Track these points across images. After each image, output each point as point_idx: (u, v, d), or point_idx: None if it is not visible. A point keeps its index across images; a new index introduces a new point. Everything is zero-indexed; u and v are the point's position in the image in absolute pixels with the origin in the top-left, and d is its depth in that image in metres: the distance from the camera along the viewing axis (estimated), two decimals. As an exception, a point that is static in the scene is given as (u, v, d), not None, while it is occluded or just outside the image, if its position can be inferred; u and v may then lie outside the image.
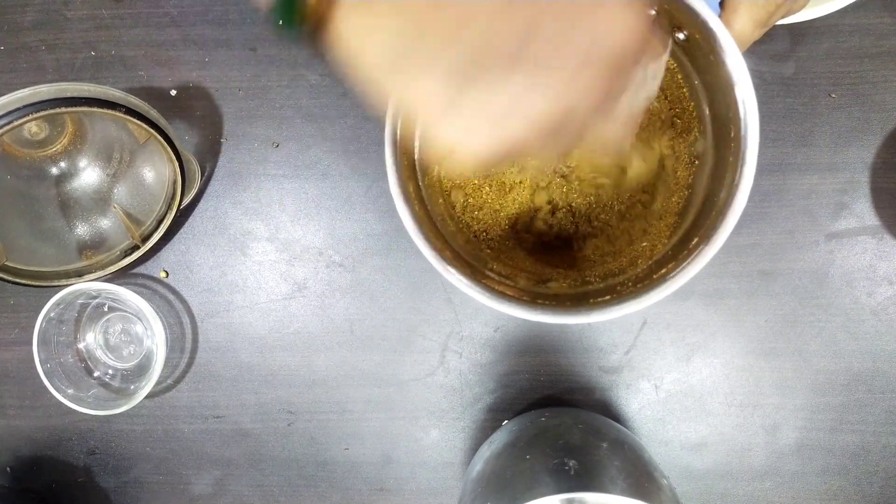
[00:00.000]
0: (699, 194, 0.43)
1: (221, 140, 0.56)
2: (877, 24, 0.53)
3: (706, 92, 0.43)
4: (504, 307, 0.40)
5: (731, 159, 0.39)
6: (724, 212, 0.39)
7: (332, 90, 0.55)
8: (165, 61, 0.56)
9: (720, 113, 0.41)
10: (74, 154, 0.54)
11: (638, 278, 0.42)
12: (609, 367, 0.56)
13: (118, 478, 0.59)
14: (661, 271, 0.41)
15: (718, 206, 0.40)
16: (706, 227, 0.40)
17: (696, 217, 0.43)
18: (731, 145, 0.40)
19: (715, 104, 0.42)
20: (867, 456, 0.55)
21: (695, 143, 0.45)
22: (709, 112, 0.43)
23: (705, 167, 0.43)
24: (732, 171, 0.39)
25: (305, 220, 0.57)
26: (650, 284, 0.40)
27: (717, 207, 0.40)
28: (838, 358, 0.55)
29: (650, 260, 0.43)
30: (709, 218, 0.40)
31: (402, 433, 0.57)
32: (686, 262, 0.39)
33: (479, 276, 0.43)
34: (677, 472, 0.56)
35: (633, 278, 0.43)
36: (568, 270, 0.48)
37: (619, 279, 0.44)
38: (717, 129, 0.42)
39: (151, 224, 0.54)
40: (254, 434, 0.58)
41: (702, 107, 0.43)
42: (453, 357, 0.56)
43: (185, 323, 0.58)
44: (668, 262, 0.41)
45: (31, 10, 0.56)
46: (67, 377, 0.56)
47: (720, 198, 0.40)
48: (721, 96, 0.40)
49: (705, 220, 0.41)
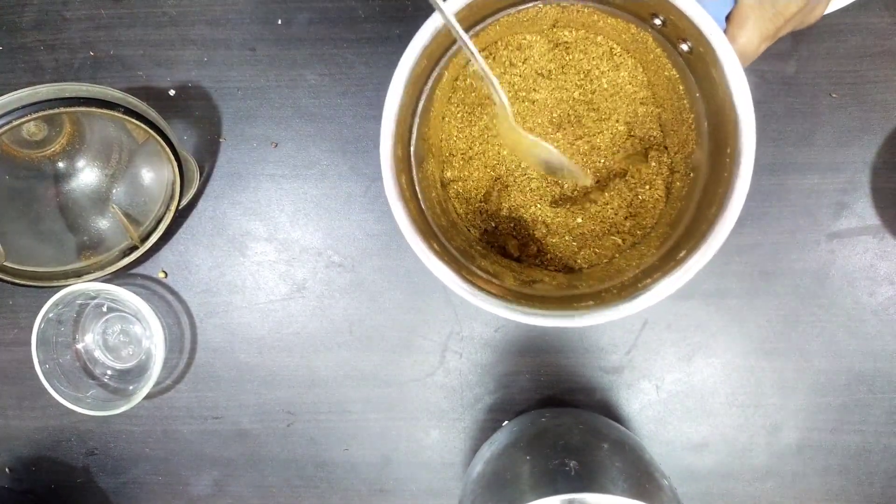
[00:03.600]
0: (692, 206, 0.43)
1: (220, 140, 0.56)
2: (878, 24, 0.52)
3: (706, 104, 0.42)
4: (486, 304, 0.40)
5: (726, 174, 0.39)
6: (714, 226, 0.38)
7: (331, 90, 0.55)
8: (164, 61, 0.56)
9: (718, 127, 0.41)
10: (73, 154, 0.54)
11: (623, 286, 0.42)
12: (610, 368, 0.56)
13: (117, 478, 0.59)
14: (646, 280, 0.41)
15: (709, 220, 0.39)
16: (695, 239, 0.40)
17: (687, 228, 0.42)
18: (726, 160, 0.39)
19: (714, 117, 0.42)
20: (868, 456, 0.55)
21: (691, 155, 0.44)
22: (707, 125, 0.43)
23: (700, 179, 0.43)
24: (725, 186, 0.39)
25: (304, 221, 0.57)
26: (634, 292, 0.40)
27: (707, 220, 0.40)
28: (839, 358, 0.54)
29: (637, 269, 0.43)
30: (699, 230, 0.40)
31: (402, 434, 0.57)
32: (672, 272, 0.39)
33: (465, 271, 0.42)
34: (678, 472, 0.56)
35: (618, 286, 0.43)
36: (556, 273, 0.47)
37: (606, 285, 0.43)
38: (714, 142, 0.42)
39: (150, 224, 0.54)
40: (253, 435, 0.58)
41: (701, 119, 0.43)
42: (453, 357, 0.56)
43: (183, 323, 0.57)
44: (655, 271, 0.41)
45: (30, 11, 0.56)
46: (66, 378, 0.56)
47: (711, 212, 0.40)
48: (720, 110, 0.40)
49: (695, 232, 0.40)
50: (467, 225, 0.49)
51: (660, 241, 0.44)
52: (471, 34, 0.44)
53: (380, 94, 0.55)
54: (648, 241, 0.46)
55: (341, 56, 0.55)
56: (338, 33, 0.55)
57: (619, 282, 0.43)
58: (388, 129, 0.40)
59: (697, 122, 0.44)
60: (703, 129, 0.43)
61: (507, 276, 0.45)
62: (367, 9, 0.55)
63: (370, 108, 0.55)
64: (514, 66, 0.47)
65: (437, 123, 0.48)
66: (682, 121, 0.45)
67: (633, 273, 0.43)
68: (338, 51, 0.55)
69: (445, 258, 0.42)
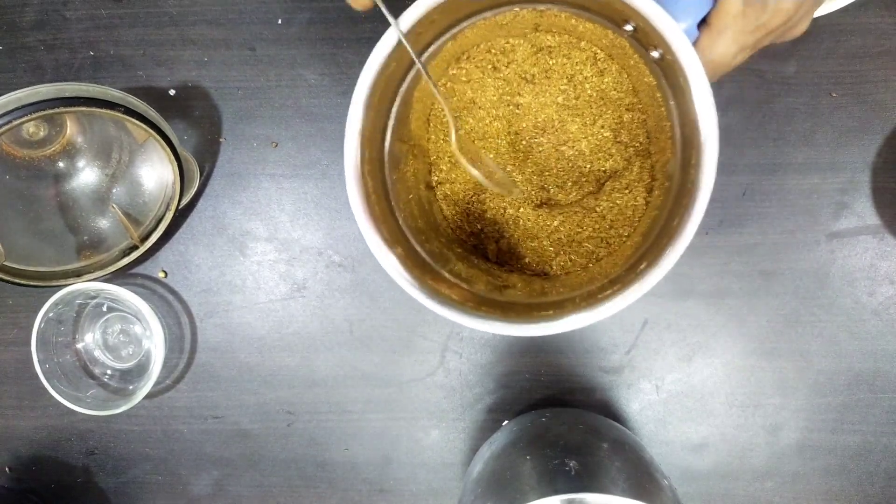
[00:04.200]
0: (664, 216, 0.42)
1: (220, 140, 0.56)
2: (878, 24, 0.52)
3: (678, 113, 0.42)
4: (442, 310, 0.40)
5: (689, 186, 0.38)
6: (674, 238, 0.37)
7: (331, 90, 0.55)
8: (164, 61, 0.56)
9: (688, 136, 0.40)
10: (73, 154, 0.54)
11: (586, 296, 0.41)
12: (610, 368, 0.56)
13: (117, 478, 0.59)
14: (605, 292, 0.40)
15: (670, 232, 0.38)
16: (656, 252, 0.39)
17: (654, 240, 0.41)
18: (691, 171, 0.39)
19: (684, 127, 0.41)
20: (868, 456, 0.55)
21: (668, 163, 0.44)
22: (680, 133, 0.42)
23: (673, 189, 0.42)
24: (688, 197, 0.38)
25: (304, 220, 0.57)
26: (593, 303, 0.39)
27: (668, 233, 0.39)
28: (839, 358, 0.54)
29: (605, 279, 0.42)
30: (660, 243, 0.39)
31: (403, 434, 0.57)
32: (630, 285, 0.38)
33: (431, 276, 0.42)
34: (678, 472, 0.56)
35: (583, 295, 0.42)
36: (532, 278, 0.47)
37: (573, 294, 0.43)
38: (685, 151, 0.41)
39: (150, 224, 0.54)
40: (253, 434, 0.58)
41: (675, 127, 0.42)
42: (453, 357, 0.56)
43: (183, 323, 0.57)
44: (616, 283, 0.40)
45: (30, 11, 0.56)
46: (66, 377, 0.56)
47: (673, 224, 0.39)
48: (689, 119, 0.39)
49: (658, 244, 0.40)
50: (452, 227, 0.49)
51: (632, 250, 0.43)
52: (447, 36, 0.44)
53: (380, 94, 0.55)
54: (623, 249, 0.45)
55: (341, 56, 0.55)
56: (338, 33, 0.55)
57: (585, 291, 0.42)
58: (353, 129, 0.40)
59: (673, 130, 0.43)
60: (677, 137, 0.42)
61: (481, 280, 0.45)
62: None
63: (370, 107, 0.55)
64: (497, 70, 0.47)
65: (421, 126, 0.48)
66: (661, 128, 0.44)
67: (601, 283, 0.42)
68: (338, 51, 0.55)
69: (409, 262, 0.41)
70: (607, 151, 0.47)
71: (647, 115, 0.46)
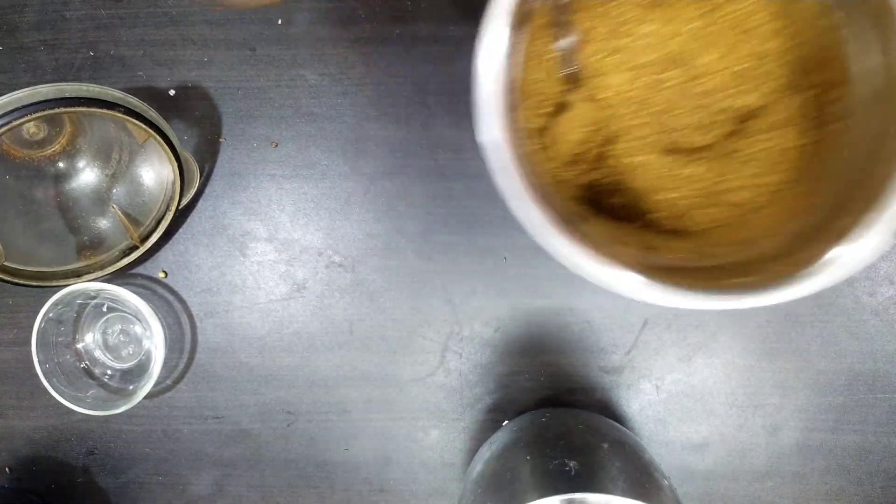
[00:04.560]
0: (843, 161, 0.36)
1: (220, 140, 0.56)
2: (878, 23, 0.52)
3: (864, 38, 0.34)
4: (615, 279, 0.32)
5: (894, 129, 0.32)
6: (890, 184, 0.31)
7: (331, 90, 0.55)
8: (164, 61, 0.56)
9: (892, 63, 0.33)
10: (73, 154, 0.54)
11: (779, 254, 0.35)
12: (610, 368, 0.56)
13: (117, 478, 0.59)
14: (810, 251, 0.33)
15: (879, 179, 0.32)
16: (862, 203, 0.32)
17: (846, 189, 0.35)
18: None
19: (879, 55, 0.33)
20: (868, 456, 0.55)
21: (840, 100, 0.37)
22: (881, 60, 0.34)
23: (857, 129, 0.36)
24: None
25: (305, 221, 0.57)
26: (807, 262, 0.32)
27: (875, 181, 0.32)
28: (839, 358, 0.54)
29: (776, 236, 0.36)
30: (864, 195, 0.33)
31: (402, 434, 0.57)
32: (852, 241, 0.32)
33: (578, 236, 0.34)
34: (678, 472, 0.56)
35: (769, 256, 0.35)
36: (667, 236, 0.40)
37: (749, 254, 0.36)
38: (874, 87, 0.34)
39: (150, 224, 0.54)
40: (253, 434, 0.58)
41: (858, 56, 0.35)
42: (453, 357, 0.56)
43: (183, 323, 0.57)
44: (814, 240, 0.34)
45: (30, 11, 0.56)
46: (66, 377, 0.56)
47: (878, 170, 0.32)
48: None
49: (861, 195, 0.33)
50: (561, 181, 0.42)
51: (802, 199, 0.37)
52: None
53: (380, 94, 0.55)
54: (782, 200, 0.39)
55: (341, 56, 0.55)
56: (338, 33, 0.55)
57: (766, 248, 0.36)
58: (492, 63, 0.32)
59: (848, 61, 0.36)
60: (855, 69, 0.35)
61: (619, 244, 0.38)
62: (367, 9, 0.54)
63: (370, 107, 0.55)
64: None
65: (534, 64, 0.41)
66: (823, 60, 0.37)
67: (775, 240, 0.36)
68: (338, 51, 0.55)
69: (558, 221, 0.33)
70: (747, 86, 0.41)
71: (799, 42, 0.40)
